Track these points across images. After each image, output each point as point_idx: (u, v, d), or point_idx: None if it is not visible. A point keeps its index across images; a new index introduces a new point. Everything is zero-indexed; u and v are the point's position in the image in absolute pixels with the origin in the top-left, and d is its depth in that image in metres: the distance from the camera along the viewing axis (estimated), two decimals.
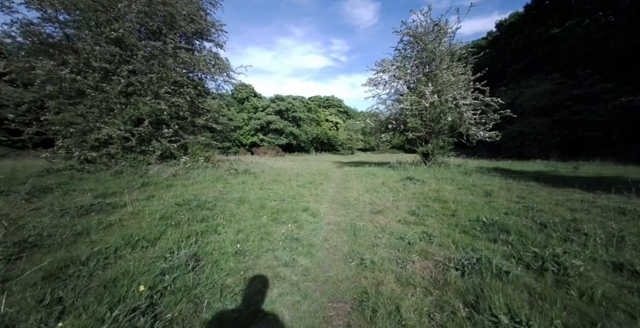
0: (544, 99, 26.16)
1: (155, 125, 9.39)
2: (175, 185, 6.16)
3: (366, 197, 5.71)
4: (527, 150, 26.14)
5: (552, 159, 22.40)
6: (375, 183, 7.87)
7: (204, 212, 3.86)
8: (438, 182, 7.79)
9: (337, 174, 11.67)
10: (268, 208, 4.35)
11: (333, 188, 7.23)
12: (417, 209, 4.34)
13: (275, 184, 7.04)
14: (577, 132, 24.93)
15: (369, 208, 4.57)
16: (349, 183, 8.02)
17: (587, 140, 24.68)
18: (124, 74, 8.64)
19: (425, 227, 3.49)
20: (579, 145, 25.19)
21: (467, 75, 12.49)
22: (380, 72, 13.85)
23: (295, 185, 6.93)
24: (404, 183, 7.64)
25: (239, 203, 4.50)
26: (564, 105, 24.79)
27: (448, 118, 11.59)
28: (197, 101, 10.24)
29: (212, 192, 5.48)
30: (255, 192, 5.64)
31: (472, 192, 5.96)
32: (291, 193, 5.73)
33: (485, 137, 11.76)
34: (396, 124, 13.21)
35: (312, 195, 5.83)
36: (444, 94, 12.08)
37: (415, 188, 6.79)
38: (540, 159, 22.87)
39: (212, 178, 7.19)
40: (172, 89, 9.39)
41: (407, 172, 10.99)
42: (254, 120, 43.24)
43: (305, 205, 4.70)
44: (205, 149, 10.70)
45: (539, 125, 25.61)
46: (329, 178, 9.49)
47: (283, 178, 8.07)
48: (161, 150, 9.08)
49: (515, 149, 27.16)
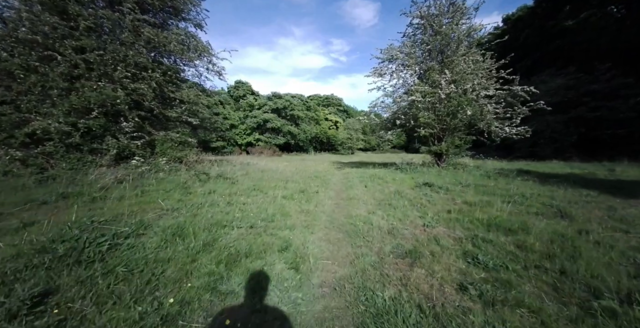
0: (558, 95, 24.38)
1: (111, 117, 7.56)
2: (107, 198, 4.34)
3: (380, 216, 3.89)
4: (541, 149, 24.42)
5: (570, 159, 20.70)
6: (386, 192, 6.06)
7: (78, 272, 2.00)
8: (466, 190, 5.98)
9: (336, 177, 9.85)
10: (218, 248, 2.52)
11: (332, 199, 5.42)
12: (477, 249, 2.53)
13: (253, 195, 5.21)
14: (596, 129, 23.24)
15: (390, 245, 2.74)
16: (353, 191, 6.22)
17: (607, 139, 22.95)
18: (67, 52, 6.80)
19: (534, 315, 1.60)
20: (598, 144, 23.46)
21: (487, 63, 10.69)
22: (387, 61, 12.03)
23: (280, 195, 5.10)
24: (424, 193, 5.82)
25: (171, 237, 2.65)
26: (581, 101, 23.05)
27: (467, 112, 9.78)
28: (167, 89, 8.38)
29: (149, 211, 3.66)
30: (216, 211, 3.81)
31: (531, 208, 4.16)
32: (270, 212, 3.90)
33: (512, 134, 9.95)
34: (405, 119, 11.39)
35: (301, 214, 4.02)
36: (460, 84, 10.27)
37: (443, 200, 4.98)
38: (556, 159, 21.17)
39: (172, 186, 5.38)
40: (133, 73, 7.55)
41: (422, 176, 9.18)
42: (250, 119, 41.33)
43: (285, 238, 2.88)
44: (179, 147, 8.87)
45: (554, 123, 23.86)
46: (327, 184, 7.68)
47: (267, 185, 6.24)
48: (117, 148, 7.25)
49: (527, 148, 25.43)
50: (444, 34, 10.85)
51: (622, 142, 21.52)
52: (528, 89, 9.27)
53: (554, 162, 19.71)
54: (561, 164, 17.19)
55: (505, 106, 10.42)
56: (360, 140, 49.92)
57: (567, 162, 19.38)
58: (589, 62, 25.79)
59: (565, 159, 21.30)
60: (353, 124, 49.25)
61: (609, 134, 22.10)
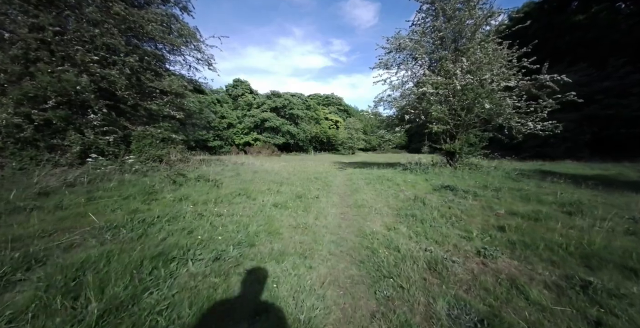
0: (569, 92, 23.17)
1: (77, 108, 6.45)
2: (39, 207, 3.22)
3: (405, 235, 2.79)
4: (551, 149, 23.29)
5: (582, 159, 19.61)
6: (402, 198, 4.94)
7: None
8: (500, 196, 4.87)
9: (339, 179, 8.74)
10: None
11: (336, 206, 4.31)
12: (609, 316, 1.43)
13: (236, 202, 4.09)
14: (608, 128, 22.17)
15: (442, 298, 1.62)
16: (360, 196, 5.12)
17: (621, 138, 21.85)
18: (21, 31, 5.70)
19: None
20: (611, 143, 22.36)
21: (505, 51, 9.59)
22: (393, 51, 10.92)
23: (270, 203, 3.99)
24: (449, 199, 4.71)
25: (52, 295, 1.50)
26: (595, 99, 21.94)
27: (485, 105, 8.68)
28: (144, 77, 7.26)
29: (73, 230, 2.55)
30: (175, 229, 2.67)
31: (615, 224, 3.05)
32: (252, 229, 2.79)
33: (538, 130, 8.83)
34: (415, 114, 10.28)
35: (296, 231, 2.91)
36: (476, 75, 9.17)
37: (478, 209, 3.87)
38: (569, 159, 20.06)
39: (134, 190, 4.27)
40: (102, 57, 6.44)
41: (436, 178, 8.06)
42: (248, 118, 40.22)
43: (266, 282, 1.77)
44: (161, 145, 7.76)
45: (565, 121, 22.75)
46: (329, 187, 6.57)
47: (257, 189, 5.12)
48: (82, 145, 6.14)
49: (536, 148, 24.28)
50: (457, 20, 9.76)
51: (638, 141, 20.40)
52: (558, 77, 8.14)
53: (567, 162, 18.58)
54: (576, 164, 16.06)
55: (527, 99, 9.32)
56: (361, 140, 48.80)
57: (580, 162, 18.25)
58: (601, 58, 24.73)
59: (577, 159, 20.20)
60: (354, 124, 48.15)
61: (623, 133, 21.02)
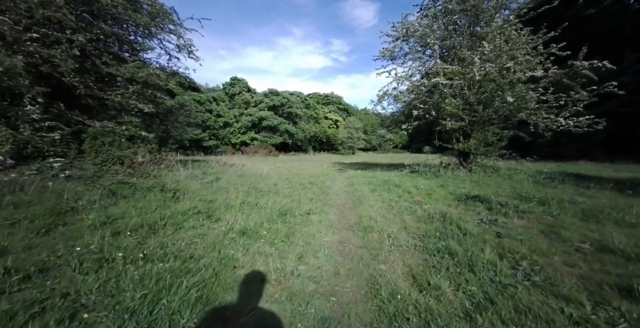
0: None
1: (9, 97, 5.16)
2: None
3: (452, 302, 1.53)
4: (564, 149, 21.97)
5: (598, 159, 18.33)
6: (421, 214, 3.66)
7: None
8: (551, 211, 3.61)
9: (338, 184, 7.46)
10: None
11: (333, 229, 3.04)
12: None
13: (187, 227, 2.80)
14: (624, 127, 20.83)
15: None
16: (365, 210, 3.85)
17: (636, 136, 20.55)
18: None
19: None
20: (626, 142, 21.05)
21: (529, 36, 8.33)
22: (400, 39, 9.63)
23: (237, 228, 2.70)
24: (486, 216, 3.44)
25: None
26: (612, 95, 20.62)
27: (508, 98, 7.40)
28: (100, 61, 5.97)
29: None
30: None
31: None
32: (177, 297, 1.52)
33: (571, 127, 7.56)
34: (424, 109, 8.99)
35: (260, 294, 1.63)
36: (497, 63, 7.90)
37: (535, 235, 2.61)
38: (583, 160, 18.75)
39: (42, 210, 2.97)
40: (43, 34, 5.14)
41: (452, 183, 6.76)
42: (245, 117, 38.85)
43: None
44: (125, 144, 6.46)
45: None
46: (326, 196, 5.28)
47: (228, 203, 3.83)
48: (14, 143, 4.84)
49: (547, 148, 22.91)
50: (475, 0, 8.48)
51: None
52: (599, 64, 6.87)
53: (581, 163, 17.25)
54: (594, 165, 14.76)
55: (555, 91, 8.06)
56: (361, 140, 47.48)
57: (597, 163, 16.93)
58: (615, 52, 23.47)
59: (591, 159, 18.88)
60: (354, 123, 46.84)
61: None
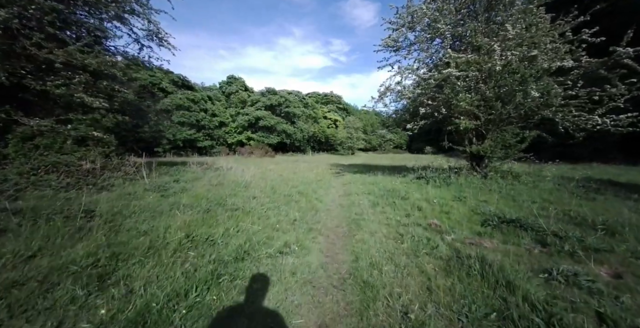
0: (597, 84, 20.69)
1: None
2: None
3: None
4: (576, 150, 20.65)
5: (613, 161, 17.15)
6: (448, 258, 2.50)
7: None
8: (636, 247, 2.45)
9: (333, 194, 6.28)
10: None
11: (314, 286, 1.89)
12: None
13: None
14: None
15: None
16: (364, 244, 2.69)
17: None
18: None
19: None
20: None
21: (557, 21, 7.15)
22: (405, 27, 8.43)
23: (133, 308, 1.54)
24: (549, 264, 2.28)
25: None
26: None
27: (533, 92, 6.21)
28: (30, 42, 4.77)
29: None
30: None
31: None
32: None
33: (609, 126, 6.38)
34: (433, 107, 7.80)
35: None
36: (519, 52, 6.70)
37: None
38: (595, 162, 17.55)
39: None
40: None
41: (470, 194, 5.57)
42: (242, 116, 37.64)
43: None
44: (69, 147, 5.29)
45: None
46: (314, 216, 4.11)
47: (168, 234, 2.67)
48: None
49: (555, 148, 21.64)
50: None
51: None
52: None
53: (594, 165, 16.01)
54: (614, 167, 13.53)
55: (585, 85, 6.87)
56: (360, 140, 46.29)
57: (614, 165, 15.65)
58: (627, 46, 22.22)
59: (606, 161, 17.66)
60: (353, 123, 45.65)
61: None
